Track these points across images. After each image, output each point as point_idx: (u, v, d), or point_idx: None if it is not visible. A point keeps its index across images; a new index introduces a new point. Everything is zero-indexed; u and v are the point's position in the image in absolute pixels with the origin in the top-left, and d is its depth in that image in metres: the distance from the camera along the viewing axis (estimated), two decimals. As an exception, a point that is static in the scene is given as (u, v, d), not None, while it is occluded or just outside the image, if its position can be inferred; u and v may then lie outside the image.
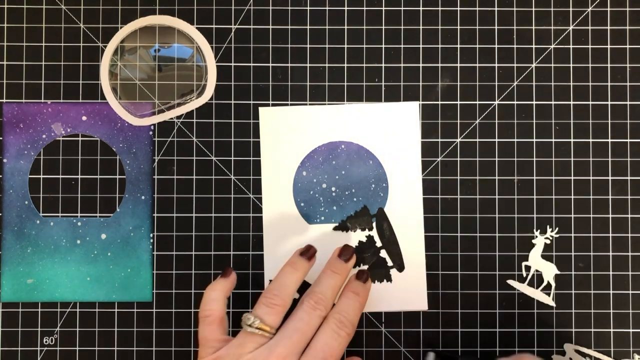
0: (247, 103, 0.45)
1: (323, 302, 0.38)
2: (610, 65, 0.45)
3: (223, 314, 0.39)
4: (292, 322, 0.37)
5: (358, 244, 0.44)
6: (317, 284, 0.39)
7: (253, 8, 0.45)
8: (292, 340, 0.36)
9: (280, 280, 0.39)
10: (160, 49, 0.45)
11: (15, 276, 0.44)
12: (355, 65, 0.45)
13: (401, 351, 0.45)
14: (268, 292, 0.38)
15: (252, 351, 0.36)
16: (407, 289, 0.44)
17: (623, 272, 0.45)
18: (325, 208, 0.45)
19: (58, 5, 0.45)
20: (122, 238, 0.45)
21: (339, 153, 0.45)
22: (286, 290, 0.38)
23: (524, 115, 0.45)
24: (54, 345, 0.44)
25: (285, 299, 0.38)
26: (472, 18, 0.45)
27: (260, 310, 0.37)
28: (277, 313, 0.37)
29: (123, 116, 0.45)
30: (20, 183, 0.45)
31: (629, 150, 0.45)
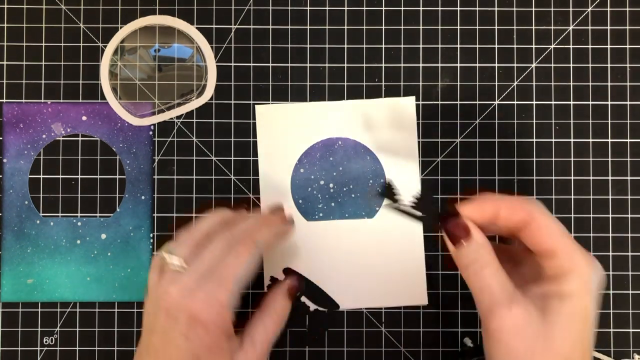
0: (247, 103, 0.45)
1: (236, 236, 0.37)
2: (610, 65, 0.45)
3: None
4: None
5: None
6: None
7: (253, 8, 0.45)
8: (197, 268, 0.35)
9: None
10: (160, 49, 0.45)
11: (15, 276, 0.45)
12: (355, 65, 0.45)
13: (401, 351, 0.45)
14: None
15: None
16: (406, 284, 0.44)
17: (623, 272, 0.45)
18: (324, 205, 0.45)
19: (58, 5, 0.45)
20: (122, 238, 0.45)
21: (336, 149, 0.45)
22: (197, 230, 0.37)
23: (524, 115, 0.45)
24: (54, 345, 0.44)
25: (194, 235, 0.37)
26: (472, 18, 0.45)
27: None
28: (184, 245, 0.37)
29: (123, 116, 0.45)
30: (20, 183, 0.45)
31: (629, 150, 0.45)
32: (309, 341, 0.45)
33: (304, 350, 0.45)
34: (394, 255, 0.45)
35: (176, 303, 0.34)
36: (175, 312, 0.34)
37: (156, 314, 0.35)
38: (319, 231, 0.45)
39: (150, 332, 0.35)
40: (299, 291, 0.43)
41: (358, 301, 0.45)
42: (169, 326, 0.34)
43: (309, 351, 0.45)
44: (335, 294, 0.45)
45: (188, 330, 0.34)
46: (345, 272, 0.44)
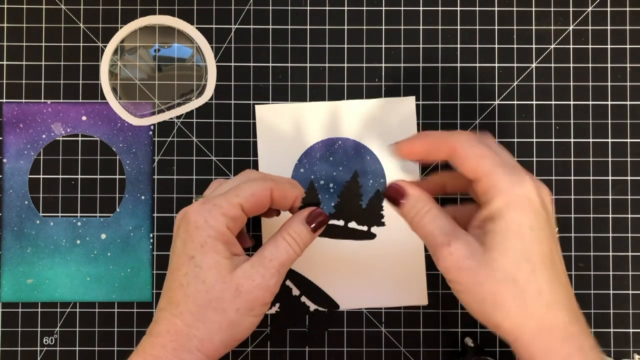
0: (247, 103, 0.45)
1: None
2: (610, 65, 0.45)
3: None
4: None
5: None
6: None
7: (253, 8, 0.45)
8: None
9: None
10: (160, 49, 0.45)
11: (15, 276, 0.44)
12: (355, 65, 0.45)
13: (401, 351, 0.45)
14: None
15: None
16: (406, 284, 0.44)
17: (623, 272, 0.45)
18: (324, 205, 0.45)
19: (58, 5, 0.45)
20: (122, 238, 0.45)
21: (336, 149, 0.45)
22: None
23: (524, 115, 0.45)
24: (54, 345, 0.44)
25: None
26: (472, 18, 0.45)
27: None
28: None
29: (123, 116, 0.45)
30: (20, 183, 0.45)
31: (629, 150, 0.45)
32: (309, 341, 0.45)
33: (304, 350, 0.45)
34: (394, 255, 0.45)
35: (181, 216, 0.36)
36: (178, 223, 0.36)
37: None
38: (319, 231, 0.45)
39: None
40: (322, 220, 0.38)
41: (358, 301, 0.45)
42: (174, 238, 0.36)
43: (309, 351, 0.45)
44: (335, 294, 0.45)
45: (184, 233, 0.35)
46: (345, 272, 0.44)
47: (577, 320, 0.32)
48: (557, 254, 0.33)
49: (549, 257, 0.32)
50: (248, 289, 0.34)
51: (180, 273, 0.34)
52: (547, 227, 0.32)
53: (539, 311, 0.31)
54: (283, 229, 0.37)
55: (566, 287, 0.32)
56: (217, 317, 0.34)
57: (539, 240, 0.32)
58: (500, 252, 0.31)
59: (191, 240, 0.34)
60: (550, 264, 0.32)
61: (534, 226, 0.32)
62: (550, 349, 0.31)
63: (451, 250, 0.32)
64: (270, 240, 0.37)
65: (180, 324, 0.34)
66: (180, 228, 0.35)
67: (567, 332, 0.31)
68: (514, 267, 0.31)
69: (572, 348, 0.31)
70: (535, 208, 0.32)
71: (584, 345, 0.32)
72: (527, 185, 0.32)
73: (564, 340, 0.31)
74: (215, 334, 0.34)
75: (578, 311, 0.33)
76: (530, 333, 0.31)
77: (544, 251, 0.32)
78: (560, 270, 0.33)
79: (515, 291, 0.31)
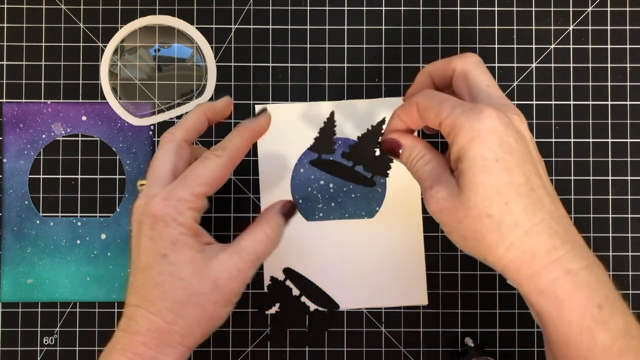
0: (247, 103, 0.45)
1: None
2: (610, 65, 0.45)
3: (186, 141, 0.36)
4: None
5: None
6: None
7: (253, 8, 0.45)
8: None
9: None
10: (160, 49, 0.45)
11: (15, 276, 0.44)
12: (355, 65, 0.45)
13: (401, 351, 0.45)
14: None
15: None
16: (406, 284, 0.44)
17: (623, 272, 0.45)
18: (324, 205, 0.45)
19: (58, 5, 0.45)
20: (122, 238, 0.45)
21: (336, 149, 0.45)
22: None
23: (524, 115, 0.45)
24: (54, 345, 0.44)
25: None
26: (472, 18, 0.45)
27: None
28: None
29: (123, 116, 0.45)
30: (20, 183, 0.45)
31: (629, 150, 0.45)
32: (309, 341, 0.45)
33: (304, 350, 0.45)
34: (394, 255, 0.45)
35: (141, 211, 0.35)
36: (139, 218, 0.35)
37: (132, 234, 0.36)
38: (319, 231, 0.45)
39: (131, 252, 0.36)
40: (293, 210, 0.39)
41: (358, 301, 0.45)
42: (138, 234, 0.35)
43: (309, 351, 0.45)
44: (335, 294, 0.45)
45: (151, 231, 0.34)
46: (345, 272, 0.44)
47: (563, 243, 0.31)
48: (536, 178, 0.32)
49: (524, 184, 0.32)
50: (225, 282, 0.34)
51: (154, 272, 0.34)
52: (518, 154, 0.32)
53: (518, 241, 0.31)
54: (262, 221, 0.37)
55: (550, 212, 0.32)
56: (196, 312, 0.34)
57: (507, 170, 0.31)
58: (471, 190, 0.32)
59: (161, 239, 0.34)
60: (525, 191, 0.31)
61: (500, 157, 0.31)
62: (535, 276, 0.31)
63: (432, 193, 0.33)
64: (248, 231, 0.36)
65: (159, 321, 0.34)
66: (144, 224, 0.34)
67: (551, 257, 0.31)
68: (486, 202, 0.31)
69: (557, 272, 0.31)
70: (499, 138, 0.32)
71: (572, 267, 0.31)
72: (486, 117, 0.32)
73: (548, 266, 0.31)
74: (196, 327, 0.34)
75: (568, 233, 0.32)
76: (514, 263, 0.31)
77: (515, 180, 0.31)
78: (542, 194, 0.32)
79: (491, 225, 0.31)
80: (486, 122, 0.32)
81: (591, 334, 0.30)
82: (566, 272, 0.31)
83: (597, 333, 0.30)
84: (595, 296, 0.31)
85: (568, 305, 0.31)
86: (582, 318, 0.30)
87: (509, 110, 0.33)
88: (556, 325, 0.31)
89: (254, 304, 0.45)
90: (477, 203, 0.31)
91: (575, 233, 0.32)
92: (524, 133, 0.33)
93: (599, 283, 0.31)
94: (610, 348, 0.30)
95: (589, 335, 0.30)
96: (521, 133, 0.33)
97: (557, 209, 0.32)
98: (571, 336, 0.31)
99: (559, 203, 0.33)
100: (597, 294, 0.31)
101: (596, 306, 0.30)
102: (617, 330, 0.30)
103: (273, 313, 0.45)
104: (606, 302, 0.31)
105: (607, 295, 0.31)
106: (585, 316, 0.30)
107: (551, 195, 0.33)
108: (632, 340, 0.31)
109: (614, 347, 0.30)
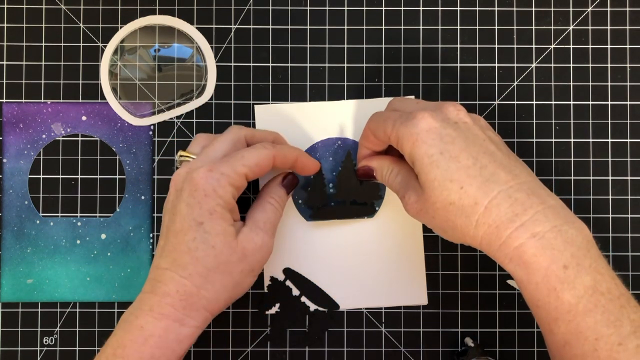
0: (247, 103, 0.45)
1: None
2: (610, 65, 0.45)
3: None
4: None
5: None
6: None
7: (253, 8, 0.45)
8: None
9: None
10: (160, 49, 0.45)
11: (15, 276, 0.44)
12: (355, 65, 0.45)
13: (401, 351, 0.45)
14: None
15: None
16: (406, 284, 0.44)
17: (623, 272, 0.45)
18: (324, 205, 0.45)
19: (58, 5, 0.45)
20: (122, 238, 0.45)
21: (336, 149, 0.45)
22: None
23: (524, 115, 0.45)
24: (54, 345, 0.44)
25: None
26: (472, 18, 0.45)
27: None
28: (198, 144, 0.40)
29: (123, 116, 0.45)
30: (20, 183, 0.45)
31: (629, 150, 0.45)
32: (309, 341, 0.45)
33: (304, 350, 0.45)
34: (394, 255, 0.45)
35: (182, 178, 0.37)
36: (180, 185, 0.37)
37: (168, 199, 0.38)
38: (319, 231, 0.45)
39: (164, 216, 0.38)
40: (294, 181, 0.42)
41: (358, 301, 0.45)
42: (176, 200, 0.37)
43: (309, 351, 0.45)
44: (335, 294, 0.45)
45: (190, 198, 0.36)
46: (345, 272, 0.44)
47: (526, 209, 0.32)
48: (484, 156, 0.34)
49: (473, 165, 0.33)
50: (252, 252, 0.37)
51: (188, 237, 0.36)
52: (460, 140, 0.34)
53: (481, 218, 0.33)
54: (265, 194, 0.41)
55: (507, 182, 0.33)
56: (224, 279, 0.36)
57: (454, 157, 0.34)
58: (429, 187, 0.34)
59: (199, 207, 0.36)
60: (476, 171, 0.33)
61: (443, 149, 0.34)
62: (503, 245, 0.32)
63: (405, 200, 0.37)
64: (256, 205, 0.40)
65: (189, 284, 0.36)
66: (184, 191, 0.36)
67: (514, 224, 0.32)
68: (444, 193, 0.33)
69: (523, 238, 0.32)
70: (437, 133, 0.34)
71: (538, 231, 0.32)
72: (420, 120, 0.35)
73: (513, 234, 0.32)
74: (222, 294, 0.37)
75: (531, 198, 0.33)
76: (485, 239, 0.33)
77: (465, 164, 0.33)
78: (494, 169, 0.33)
79: (456, 211, 0.33)
80: (421, 124, 0.35)
81: (557, 294, 0.31)
82: (531, 237, 0.32)
83: (562, 293, 0.31)
84: (559, 257, 0.31)
85: (533, 269, 0.32)
86: (547, 279, 0.31)
87: (442, 106, 0.36)
88: (526, 288, 0.32)
89: (254, 304, 0.45)
90: (437, 196, 0.34)
91: (545, 195, 0.33)
92: (465, 119, 0.36)
93: (565, 243, 0.32)
94: (576, 306, 0.31)
95: (555, 295, 0.31)
96: (461, 121, 0.35)
97: (515, 178, 0.33)
98: (540, 297, 0.32)
99: (519, 171, 0.34)
100: (562, 254, 0.31)
101: (561, 267, 0.31)
102: (583, 289, 0.31)
103: (273, 313, 0.45)
104: (573, 261, 0.31)
105: (574, 254, 0.31)
106: (550, 277, 0.31)
107: (507, 166, 0.34)
108: (600, 298, 0.31)
109: (580, 305, 0.31)
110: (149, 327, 0.35)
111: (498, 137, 0.37)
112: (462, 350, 0.44)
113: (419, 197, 0.36)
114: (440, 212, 0.34)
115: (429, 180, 0.34)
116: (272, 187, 0.41)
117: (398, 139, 0.36)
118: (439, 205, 0.34)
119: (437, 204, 0.34)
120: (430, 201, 0.34)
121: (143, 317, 0.35)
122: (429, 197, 0.34)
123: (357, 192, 0.44)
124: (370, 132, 0.39)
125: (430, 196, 0.34)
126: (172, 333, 0.35)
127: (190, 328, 0.36)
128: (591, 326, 0.31)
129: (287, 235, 0.45)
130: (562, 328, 0.31)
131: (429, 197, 0.34)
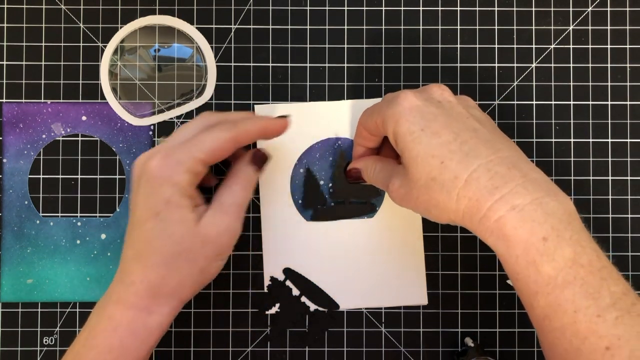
0: (247, 103, 0.45)
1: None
2: (610, 65, 0.45)
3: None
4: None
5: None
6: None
7: (253, 8, 0.45)
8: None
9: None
10: (160, 49, 0.45)
11: (15, 276, 0.44)
12: (355, 65, 0.45)
13: (401, 351, 0.45)
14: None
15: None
16: (406, 284, 0.44)
17: (623, 272, 0.45)
18: (324, 205, 0.45)
19: (58, 5, 0.45)
20: (122, 238, 0.45)
21: (336, 150, 0.45)
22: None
23: (524, 115, 0.45)
24: (54, 345, 0.44)
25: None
26: (472, 18, 0.45)
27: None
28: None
29: (123, 116, 0.45)
30: (20, 183, 0.45)
31: (629, 150, 0.45)
32: (309, 341, 0.45)
33: (304, 350, 0.45)
34: (394, 255, 0.45)
35: (140, 168, 0.37)
36: (138, 175, 0.37)
37: (130, 187, 0.38)
38: (318, 231, 0.45)
39: (129, 205, 0.38)
40: (264, 159, 0.41)
41: (358, 301, 0.45)
42: (135, 190, 0.37)
43: (309, 351, 0.45)
44: (335, 294, 0.45)
45: (146, 187, 0.36)
46: (345, 272, 0.44)
47: (507, 182, 0.32)
48: (466, 132, 0.34)
49: (454, 140, 0.33)
50: (215, 237, 0.37)
51: (146, 227, 0.36)
52: (442, 117, 0.34)
53: (462, 191, 0.32)
54: (233, 175, 0.39)
55: (487, 156, 0.33)
56: (188, 266, 0.36)
57: (435, 133, 0.34)
58: (411, 165, 0.34)
59: (155, 196, 0.36)
60: (457, 146, 0.33)
61: (424, 126, 0.34)
62: (484, 218, 0.32)
63: (390, 188, 0.37)
64: (223, 187, 0.39)
65: (152, 274, 0.36)
66: (141, 180, 0.36)
67: (494, 197, 0.32)
68: (427, 169, 0.33)
69: (502, 211, 0.31)
70: (419, 111, 0.35)
71: (517, 203, 0.31)
72: (403, 100, 0.35)
73: (493, 206, 0.32)
74: (188, 281, 0.37)
75: (512, 171, 0.32)
76: (466, 213, 0.33)
77: (445, 140, 0.33)
78: (475, 144, 0.33)
79: (437, 187, 0.33)
80: (404, 103, 0.35)
81: (536, 267, 0.31)
82: (511, 209, 0.31)
83: (541, 265, 0.31)
84: (539, 229, 0.31)
85: (513, 241, 0.31)
86: (526, 252, 0.31)
87: (426, 87, 0.36)
88: (507, 262, 0.32)
89: (254, 304, 0.45)
90: (420, 173, 0.34)
91: (527, 169, 0.33)
92: (449, 98, 0.36)
93: (546, 215, 0.31)
94: (555, 279, 0.31)
95: (534, 268, 0.31)
96: (445, 100, 0.35)
97: (496, 152, 0.33)
98: (519, 271, 0.32)
99: (502, 145, 0.34)
100: (542, 227, 0.31)
101: (540, 239, 0.31)
102: (563, 261, 0.31)
103: (273, 313, 0.45)
104: (553, 233, 0.31)
105: (555, 226, 0.31)
106: (530, 250, 0.31)
107: (490, 141, 0.34)
108: (580, 270, 0.30)
109: (559, 278, 0.30)
110: (117, 317, 0.35)
111: (485, 116, 0.36)
112: (462, 350, 0.44)
113: (402, 180, 0.36)
114: (423, 190, 0.34)
115: (412, 157, 0.34)
116: (240, 166, 0.40)
117: (383, 122, 0.36)
118: (422, 182, 0.34)
119: (420, 180, 0.34)
120: (414, 180, 0.34)
121: (111, 307, 0.36)
122: (413, 175, 0.34)
123: (355, 191, 0.44)
124: (362, 127, 0.40)
125: (413, 174, 0.34)
126: (140, 322, 0.35)
127: (159, 316, 0.36)
128: (570, 298, 0.30)
129: (287, 235, 0.45)
130: (542, 302, 0.31)
131: (413, 175, 0.34)
